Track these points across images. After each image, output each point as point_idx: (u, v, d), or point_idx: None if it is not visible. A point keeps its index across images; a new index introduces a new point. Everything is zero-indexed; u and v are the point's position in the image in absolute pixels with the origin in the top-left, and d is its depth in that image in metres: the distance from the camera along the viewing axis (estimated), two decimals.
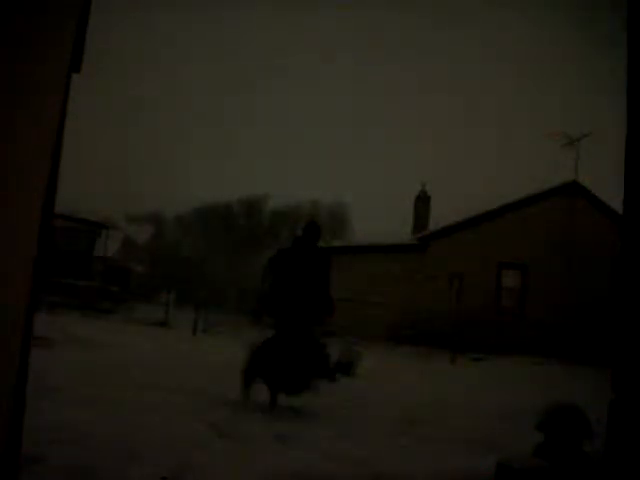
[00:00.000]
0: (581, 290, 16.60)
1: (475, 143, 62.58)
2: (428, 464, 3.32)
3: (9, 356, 1.54)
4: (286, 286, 5.75)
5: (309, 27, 62.96)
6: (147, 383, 5.10)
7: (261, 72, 64.53)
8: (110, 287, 22.01)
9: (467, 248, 16.67)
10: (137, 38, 59.11)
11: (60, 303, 16.36)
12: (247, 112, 66.31)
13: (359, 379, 7.35)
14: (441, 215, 18.94)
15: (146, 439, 3.17)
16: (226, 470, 2.85)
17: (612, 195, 17.25)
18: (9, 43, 1.56)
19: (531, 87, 67.30)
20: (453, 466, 3.33)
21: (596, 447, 2.61)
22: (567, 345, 15.79)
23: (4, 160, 1.55)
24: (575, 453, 2.76)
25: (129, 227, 35.81)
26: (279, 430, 3.77)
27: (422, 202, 20.16)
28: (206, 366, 6.93)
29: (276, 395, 5.07)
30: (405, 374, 9.14)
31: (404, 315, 15.50)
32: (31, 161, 1.58)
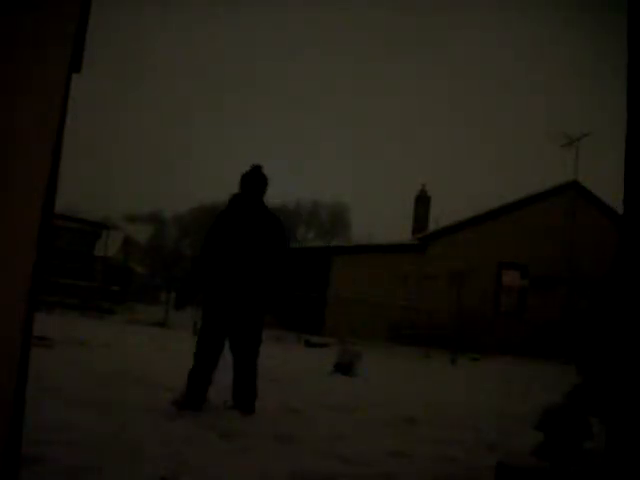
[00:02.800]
0: (581, 290, 16.60)
1: (475, 143, 62.58)
2: (428, 464, 3.32)
3: (9, 356, 1.54)
4: (216, 260, 4.26)
5: (310, 24, 62.95)
6: (147, 383, 5.10)
7: (261, 72, 64.52)
8: (110, 287, 22.03)
9: (467, 248, 16.69)
10: (138, 38, 59.13)
11: (60, 303, 16.37)
12: (248, 111, 66.27)
13: (359, 379, 7.35)
14: (441, 215, 18.98)
15: (146, 439, 3.17)
16: (226, 470, 2.85)
17: (611, 195, 17.27)
18: (9, 43, 1.56)
19: (531, 87, 67.29)
20: (453, 466, 3.33)
21: (596, 447, 2.61)
22: (566, 345, 15.79)
23: (4, 160, 1.55)
24: (575, 453, 2.76)
25: (129, 227, 35.82)
26: (278, 430, 3.77)
27: (422, 202, 20.20)
28: None
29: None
30: (405, 374, 9.14)
31: (404, 315, 15.51)
32: (31, 161, 1.58)
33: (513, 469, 2.68)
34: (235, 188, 4.45)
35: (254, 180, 4.40)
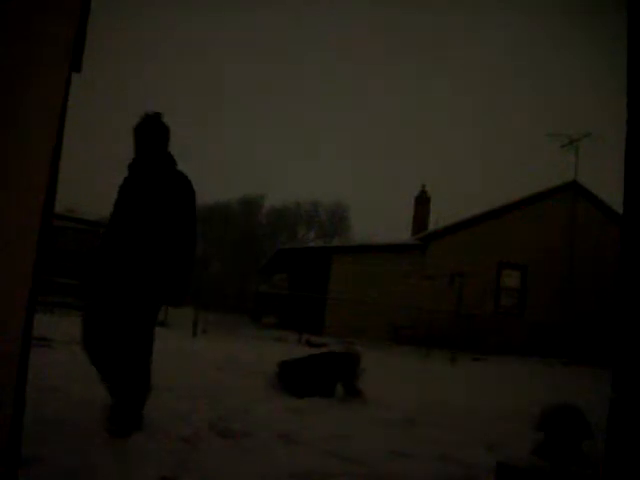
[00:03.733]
0: (581, 290, 16.61)
1: (475, 143, 62.61)
2: (428, 464, 3.32)
3: (9, 356, 1.54)
4: (112, 237, 3.44)
5: (309, 24, 62.96)
6: None
7: (261, 72, 64.55)
8: None
9: (467, 248, 16.70)
10: (138, 38, 59.14)
11: (60, 303, 16.35)
12: (248, 111, 66.31)
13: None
14: (441, 215, 18.99)
15: (146, 439, 3.17)
16: (226, 470, 2.85)
17: (611, 195, 17.27)
18: (9, 43, 1.56)
19: (531, 87, 67.35)
20: (453, 466, 3.33)
21: (596, 447, 2.61)
22: (567, 345, 15.80)
23: (4, 160, 1.55)
24: (575, 453, 2.76)
25: None
26: (278, 430, 3.77)
27: (422, 202, 20.23)
28: (205, 366, 6.93)
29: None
30: (405, 374, 9.13)
31: (404, 315, 15.51)
32: (31, 161, 1.58)
33: (513, 469, 2.68)
34: (234, 189, 4.33)
35: (148, 132, 3.44)
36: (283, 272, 23.58)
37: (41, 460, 2.53)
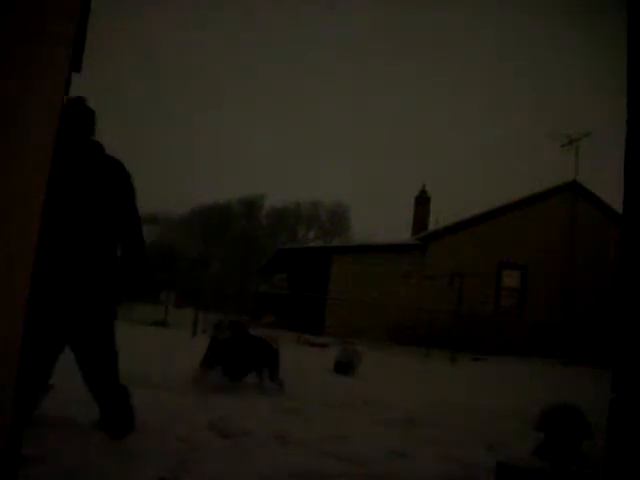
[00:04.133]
0: (581, 290, 16.61)
1: (475, 142, 62.57)
2: (428, 464, 3.32)
3: (9, 356, 1.54)
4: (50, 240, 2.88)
5: (309, 24, 62.92)
6: (147, 383, 5.09)
7: (261, 72, 64.50)
8: None
9: (467, 248, 16.70)
10: (138, 38, 59.15)
11: None
12: (248, 111, 66.27)
13: (359, 379, 7.35)
14: (441, 215, 19.00)
15: (146, 439, 3.17)
16: (226, 470, 2.85)
17: (612, 195, 17.28)
18: (9, 43, 1.56)
19: (531, 87, 67.29)
20: (453, 466, 3.34)
21: (596, 447, 2.61)
22: (567, 345, 15.80)
23: (4, 160, 1.55)
24: (575, 453, 2.76)
25: None
26: (278, 430, 3.77)
27: (422, 203, 20.24)
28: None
29: None
30: (405, 374, 9.14)
31: (404, 315, 15.51)
32: (31, 161, 1.58)
33: (513, 469, 2.68)
34: (234, 189, 4.30)
35: (71, 118, 3.10)
36: (283, 272, 23.57)
37: (41, 460, 2.53)
